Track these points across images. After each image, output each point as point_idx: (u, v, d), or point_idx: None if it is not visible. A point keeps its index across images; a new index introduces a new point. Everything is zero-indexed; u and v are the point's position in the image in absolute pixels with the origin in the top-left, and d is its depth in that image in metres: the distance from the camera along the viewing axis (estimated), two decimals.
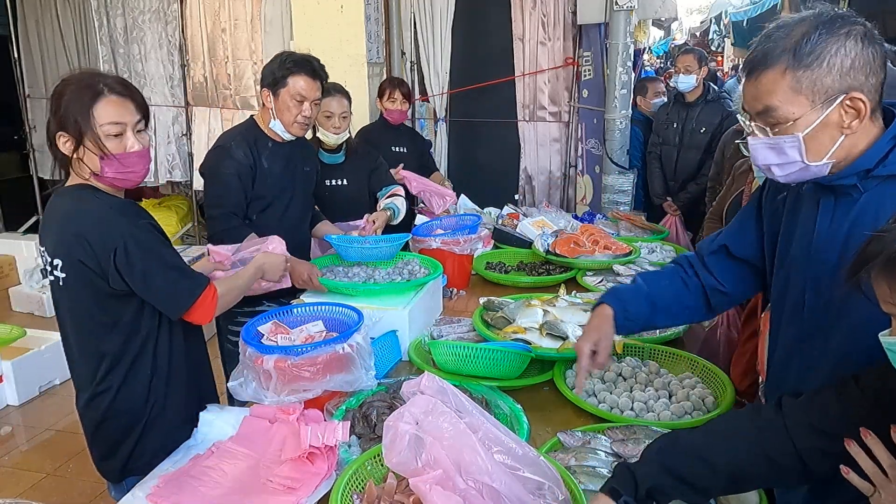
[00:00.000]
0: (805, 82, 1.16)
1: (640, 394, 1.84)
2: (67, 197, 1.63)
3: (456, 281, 2.80)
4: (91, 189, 1.63)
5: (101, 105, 1.57)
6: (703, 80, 4.24)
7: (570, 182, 5.11)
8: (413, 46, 5.06)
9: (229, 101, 5.54)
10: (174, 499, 1.45)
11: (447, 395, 1.30)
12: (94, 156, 1.58)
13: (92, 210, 1.60)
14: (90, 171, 1.61)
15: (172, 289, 1.67)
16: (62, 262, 1.61)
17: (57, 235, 1.62)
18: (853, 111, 1.16)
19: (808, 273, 1.30)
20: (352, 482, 1.38)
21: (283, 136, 2.49)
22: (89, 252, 1.58)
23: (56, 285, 1.66)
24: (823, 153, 1.20)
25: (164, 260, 1.66)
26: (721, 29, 11.51)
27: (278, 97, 2.41)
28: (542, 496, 1.23)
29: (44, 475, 3.22)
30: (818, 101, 1.16)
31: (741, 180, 2.87)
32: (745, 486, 1.24)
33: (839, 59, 1.14)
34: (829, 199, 1.27)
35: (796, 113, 1.18)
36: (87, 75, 1.61)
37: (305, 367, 1.66)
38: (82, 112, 1.56)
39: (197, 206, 6.16)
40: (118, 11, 5.58)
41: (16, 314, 5.14)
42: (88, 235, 1.58)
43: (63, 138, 1.58)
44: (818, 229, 1.28)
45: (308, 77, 2.39)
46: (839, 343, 1.26)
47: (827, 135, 1.19)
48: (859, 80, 1.15)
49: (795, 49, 1.15)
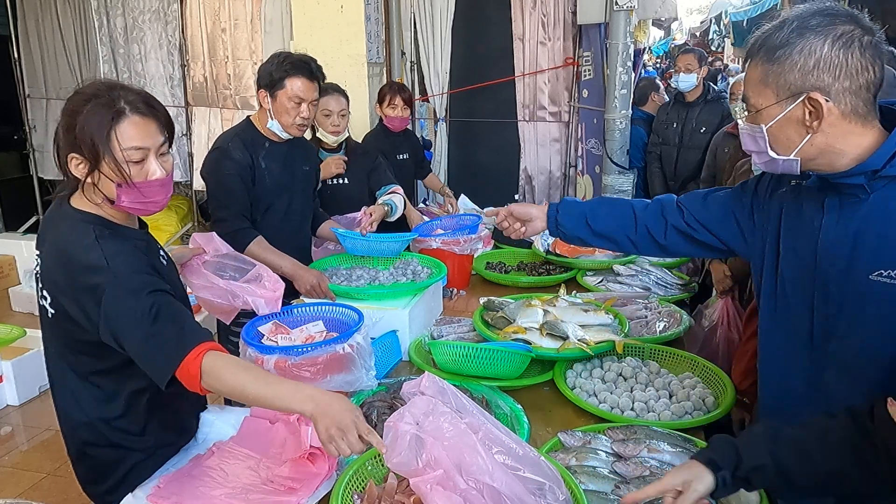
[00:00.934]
0: (771, 76, 1.20)
1: (641, 394, 1.84)
2: (68, 224, 1.45)
3: (456, 281, 2.80)
4: (96, 225, 1.45)
5: (122, 127, 1.39)
6: (703, 79, 4.24)
7: (570, 182, 5.11)
8: (413, 46, 5.06)
9: (229, 101, 5.54)
10: (174, 499, 1.45)
11: (447, 396, 1.31)
12: (111, 182, 1.41)
13: (83, 258, 1.40)
14: (104, 198, 1.44)
15: (153, 350, 1.39)
16: (51, 299, 1.46)
17: (48, 268, 1.46)
18: (814, 111, 1.18)
19: (816, 276, 1.29)
20: (352, 482, 1.38)
21: (280, 135, 2.48)
22: (78, 307, 1.41)
23: (44, 314, 1.51)
24: (791, 148, 1.22)
25: (151, 316, 1.38)
26: (721, 29, 11.52)
27: (276, 99, 2.40)
28: (543, 496, 1.23)
29: (44, 475, 3.22)
30: (782, 96, 1.20)
31: (742, 180, 2.87)
32: (835, 490, 1.22)
33: (802, 57, 1.16)
34: (834, 199, 1.26)
35: (763, 104, 1.23)
36: (106, 88, 1.41)
37: (306, 367, 1.66)
38: (100, 134, 1.37)
39: (197, 206, 6.16)
40: (118, 11, 5.57)
41: (16, 314, 5.13)
42: (79, 292, 1.40)
43: (76, 161, 1.40)
44: (824, 231, 1.27)
45: (306, 79, 2.38)
46: (855, 348, 1.24)
47: (792, 130, 1.21)
48: (824, 81, 1.16)
49: (768, 43, 1.20)
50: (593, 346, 1.96)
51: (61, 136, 1.42)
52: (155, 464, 1.61)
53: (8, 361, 3.83)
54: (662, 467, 1.49)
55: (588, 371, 1.98)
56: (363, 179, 3.11)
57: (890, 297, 1.16)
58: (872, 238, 1.20)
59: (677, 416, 1.75)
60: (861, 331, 1.22)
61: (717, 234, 1.56)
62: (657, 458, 1.51)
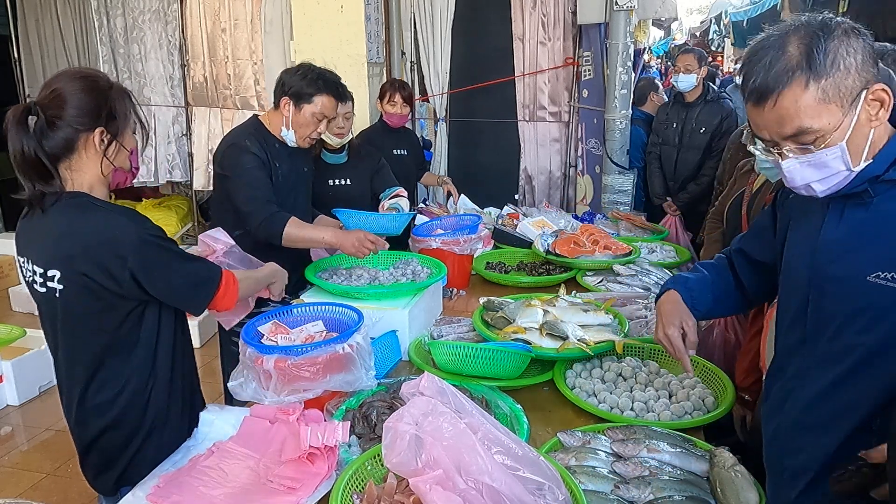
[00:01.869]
0: (831, 90, 1.13)
1: (641, 394, 1.84)
2: (62, 207, 1.55)
3: (456, 281, 2.80)
4: (88, 197, 1.57)
5: (132, 101, 1.65)
6: (702, 80, 4.24)
7: (570, 182, 5.11)
8: (413, 46, 5.06)
9: (229, 101, 5.54)
10: (174, 499, 1.45)
11: (446, 396, 1.30)
12: (126, 151, 1.62)
13: (98, 220, 1.55)
14: (105, 174, 1.60)
15: (194, 284, 1.67)
16: (60, 274, 1.55)
17: (53, 248, 1.55)
18: (876, 102, 1.15)
19: (813, 279, 1.28)
20: (352, 482, 1.38)
21: (288, 141, 2.52)
22: (98, 265, 1.52)
23: (49, 297, 1.58)
24: (861, 153, 1.18)
25: (179, 259, 1.64)
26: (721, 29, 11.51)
27: (300, 110, 2.44)
28: (542, 496, 1.23)
29: (44, 475, 3.22)
30: (846, 105, 1.14)
31: (743, 180, 2.87)
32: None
33: (851, 57, 1.12)
34: (837, 203, 1.24)
35: (832, 123, 1.14)
36: (98, 72, 1.63)
37: (305, 367, 1.66)
38: (126, 108, 1.60)
39: (197, 205, 6.16)
40: (118, 11, 5.57)
41: (16, 314, 5.14)
42: (97, 249, 1.52)
43: (102, 134, 1.56)
44: (823, 235, 1.26)
45: (334, 99, 2.47)
46: (846, 347, 1.23)
47: (861, 134, 1.17)
48: (872, 72, 1.14)
49: (808, 61, 1.12)
50: (593, 346, 1.96)
51: (83, 117, 1.53)
52: (161, 445, 1.68)
53: (8, 361, 3.83)
54: (662, 467, 1.50)
55: (588, 371, 1.98)
56: (366, 180, 3.12)
57: (887, 299, 1.16)
58: (873, 240, 1.19)
59: (677, 416, 1.75)
60: (852, 331, 1.21)
61: (768, 261, 1.53)
62: (657, 458, 1.51)
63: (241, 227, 2.41)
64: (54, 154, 1.53)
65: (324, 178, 2.98)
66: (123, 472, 1.68)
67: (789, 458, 1.33)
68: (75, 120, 1.52)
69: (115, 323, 1.61)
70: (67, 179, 1.57)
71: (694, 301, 1.62)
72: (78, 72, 1.58)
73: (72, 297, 1.57)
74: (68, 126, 1.52)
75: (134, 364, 1.65)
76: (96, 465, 1.71)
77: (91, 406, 1.66)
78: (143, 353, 1.66)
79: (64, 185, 1.57)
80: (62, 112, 1.51)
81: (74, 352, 1.64)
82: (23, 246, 1.62)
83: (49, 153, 1.52)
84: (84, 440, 1.70)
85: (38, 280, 1.58)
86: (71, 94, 1.52)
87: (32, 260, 1.59)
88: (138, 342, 1.65)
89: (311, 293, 2.36)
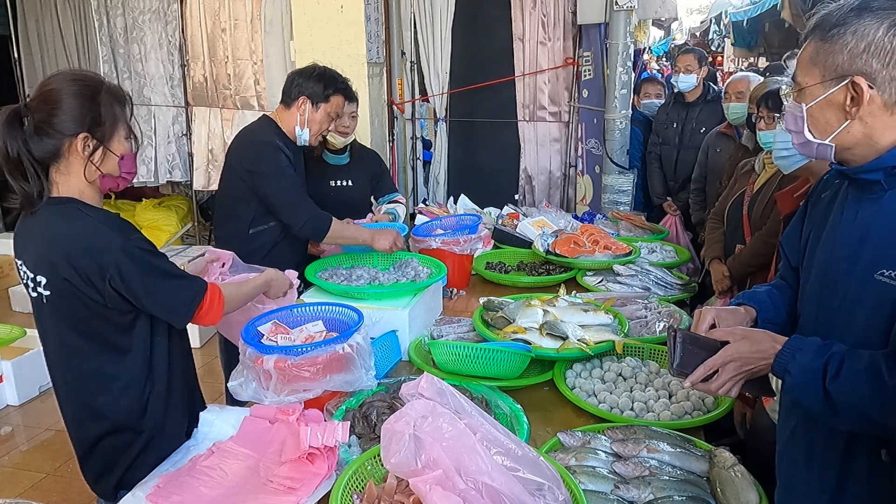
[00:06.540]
0: (820, 55, 1.17)
1: (640, 394, 1.84)
2: (49, 212, 1.54)
3: (456, 281, 2.80)
4: (76, 203, 1.55)
5: (127, 109, 1.62)
6: (703, 80, 4.24)
7: (570, 182, 5.11)
8: (413, 46, 5.06)
9: (229, 101, 5.54)
10: (174, 499, 1.45)
11: (446, 397, 1.30)
12: (115, 157, 1.57)
13: (81, 229, 1.53)
14: (90, 179, 1.56)
15: (175, 297, 1.63)
16: (46, 280, 1.53)
17: (40, 253, 1.54)
18: (855, 97, 1.14)
19: (827, 270, 1.27)
20: (352, 482, 1.38)
21: (297, 140, 2.58)
22: (79, 273, 1.50)
23: (39, 301, 1.58)
24: (828, 132, 1.19)
25: (162, 271, 1.60)
26: (721, 29, 11.51)
27: (318, 109, 2.55)
28: (542, 496, 1.23)
29: (44, 475, 3.22)
30: (827, 77, 1.16)
31: (743, 181, 2.87)
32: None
33: (854, 39, 1.12)
34: (856, 195, 1.24)
35: (807, 82, 1.20)
36: (92, 76, 1.60)
37: (305, 367, 1.66)
38: (115, 114, 1.57)
39: (197, 205, 6.16)
40: (118, 11, 5.57)
41: (16, 314, 5.13)
42: (78, 257, 1.50)
43: (86, 140, 1.53)
44: (841, 225, 1.26)
45: (345, 98, 2.64)
46: (853, 344, 1.20)
47: (832, 114, 1.18)
48: (871, 67, 1.12)
49: (825, 21, 1.17)
50: (593, 346, 1.96)
51: (68, 121, 1.51)
52: (161, 449, 1.66)
53: (8, 361, 3.83)
54: (662, 467, 1.50)
55: (588, 371, 1.98)
56: (367, 182, 3.12)
57: (888, 298, 1.15)
58: (882, 236, 1.17)
59: (677, 416, 1.75)
60: (857, 328, 1.21)
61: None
62: (656, 457, 1.51)
63: (263, 222, 2.52)
64: (42, 157, 1.52)
65: (325, 179, 2.97)
66: (123, 476, 1.66)
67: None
68: (60, 124, 1.51)
69: (105, 329, 1.59)
70: (57, 183, 1.56)
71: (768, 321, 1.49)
72: (70, 74, 1.56)
73: (59, 302, 1.55)
74: (53, 130, 1.51)
75: (129, 371, 1.63)
76: (96, 470, 1.69)
77: (86, 412, 1.64)
78: (137, 359, 1.63)
79: (52, 188, 1.55)
80: (48, 116, 1.50)
81: (67, 356, 1.62)
82: (19, 248, 1.62)
83: (35, 156, 1.51)
84: (82, 445, 1.68)
85: (30, 284, 1.58)
86: (58, 98, 1.51)
87: (25, 263, 1.58)
88: (131, 349, 1.63)
89: (311, 293, 2.36)
